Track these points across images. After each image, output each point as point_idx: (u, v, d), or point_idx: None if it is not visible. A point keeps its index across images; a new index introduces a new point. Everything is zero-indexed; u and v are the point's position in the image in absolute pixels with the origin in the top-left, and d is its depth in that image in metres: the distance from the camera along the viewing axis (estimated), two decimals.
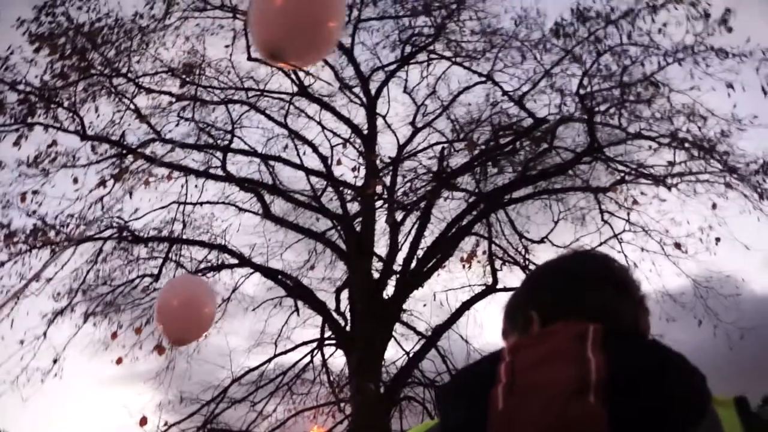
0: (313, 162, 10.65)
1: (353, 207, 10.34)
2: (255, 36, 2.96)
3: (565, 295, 1.08)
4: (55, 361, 9.54)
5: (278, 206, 10.72)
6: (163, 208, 10.40)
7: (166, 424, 9.16)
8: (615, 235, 10.29)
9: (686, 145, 9.30)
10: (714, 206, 9.33)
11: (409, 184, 10.08)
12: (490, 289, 10.09)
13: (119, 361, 9.24)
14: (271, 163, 10.55)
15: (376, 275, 9.53)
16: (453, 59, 10.50)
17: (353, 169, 10.49)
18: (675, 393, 0.82)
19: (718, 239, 9.38)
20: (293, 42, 2.85)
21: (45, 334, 9.63)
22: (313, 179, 10.59)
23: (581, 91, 9.46)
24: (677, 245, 9.56)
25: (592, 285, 1.08)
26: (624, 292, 1.08)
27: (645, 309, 1.10)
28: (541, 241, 10.16)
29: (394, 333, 9.45)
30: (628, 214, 10.23)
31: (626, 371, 0.83)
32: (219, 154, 10.17)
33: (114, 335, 9.45)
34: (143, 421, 8.61)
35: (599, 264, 1.14)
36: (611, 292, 1.07)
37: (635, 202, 9.97)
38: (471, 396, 0.92)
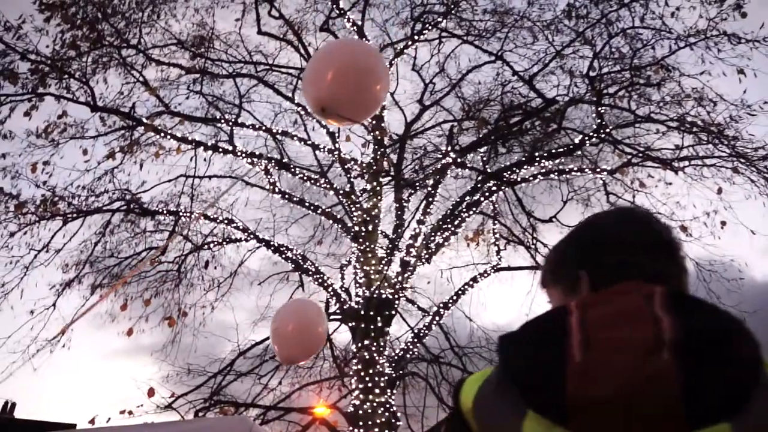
0: (320, 138, 10.68)
1: (360, 183, 10.37)
2: (308, 93, 3.16)
3: (616, 258, 1.10)
4: (63, 332, 9.64)
5: (285, 181, 10.77)
6: (170, 181, 10.46)
7: (173, 395, 9.26)
8: None
9: (695, 129, 9.31)
10: (720, 191, 9.37)
11: (417, 164, 10.09)
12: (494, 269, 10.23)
13: (130, 332, 9.34)
14: (279, 137, 10.57)
15: (381, 252, 9.59)
16: (464, 38, 10.46)
17: (362, 146, 10.54)
18: (741, 354, 0.88)
19: (723, 223, 9.45)
20: (341, 101, 3.13)
21: (54, 304, 9.72)
22: (320, 155, 10.63)
23: (591, 73, 9.45)
24: (683, 228, 9.62)
25: (641, 248, 1.11)
26: (670, 255, 1.13)
27: (686, 271, 1.15)
28: (549, 220, 10.23)
29: (398, 309, 9.53)
30: (634, 196, 10.30)
31: (696, 332, 0.88)
32: (227, 128, 10.18)
33: (124, 306, 9.53)
34: (151, 392, 8.71)
35: (646, 225, 1.16)
36: (659, 254, 1.11)
37: (642, 184, 10.02)
38: (538, 344, 0.96)
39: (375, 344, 8.78)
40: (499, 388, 0.99)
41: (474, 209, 9.75)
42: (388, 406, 8.56)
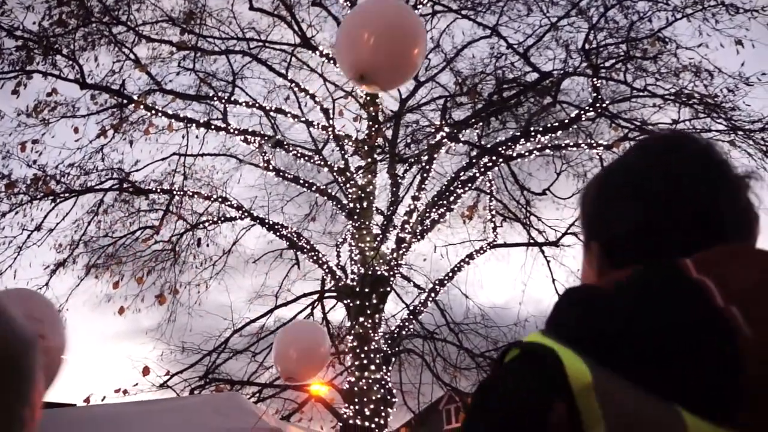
0: (314, 115, 10.59)
1: (354, 160, 10.30)
2: (343, 59, 3.04)
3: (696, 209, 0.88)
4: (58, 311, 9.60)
5: (279, 159, 10.70)
6: (163, 159, 10.40)
7: (168, 373, 9.27)
8: None
9: (692, 101, 9.21)
10: None
11: (410, 137, 10.00)
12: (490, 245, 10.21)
13: (121, 310, 9.32)
14: (273, 115, 10.48)
15: (376, 229, 9.55)
16: (458, 11, 10.33)
17: (354, 120, 10.46)
18: None
19: None
20: (381, 67, 2.98)
21: (47, 284, 9.70)
22: (315, 132, 10.55)
23: (587, 46, 9.33)
24: None
25: (718, 192, 0.89)
26: (745, 197, 0.92)
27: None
28: (543, 193, 10.18)
29: (393, 286, 9.51)
30: None
31: None
32: (220, 106, 10.09)
33: (116, 285, 9.51)
34: (146, 371, 8.71)
35: (716, 162, 0.92)
36: (740, 198, 0.91)
37: None
38: (668, 314, 0.75)
39: (370, 321, 8.76)
40: None
41: (469, 185, 9.69)
42: (383, 382, 8.57)
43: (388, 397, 8.55)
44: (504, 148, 9.52)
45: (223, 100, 9.93)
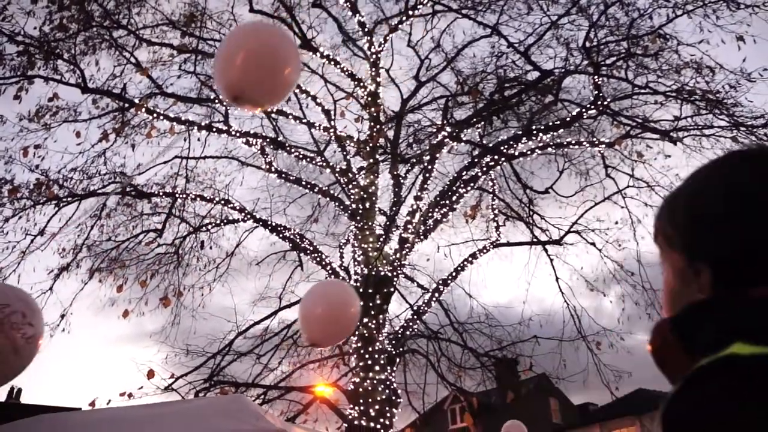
0: (316, 116, 10.60)
1: (356, 161, 10.30)
2: (219, 80, 3.16)
3: None
4: (62, 316, 9.63)
5: (281, 160, 10.70)
6: (165, 162, 10.39)
7: (172, 376, 9.27)
8: (619, 191, 10.31)
9: (693, 98, 9.19)
10: None
11: (412, 137, 9.99)
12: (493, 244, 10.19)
13: (125, 314, 9.32)
14: (274, 117, 10.48)
15: (379, 229, 9.54)
16: (458, 11, 10.32)
17: (356, 120, 10.46)
18: None
19: None
20: (254, 87, 3.10)
21: (51, 288, 9.71)
22: (316, 133, 10.55)
23: (588, 44, 9.32)
24: None
25: None
26: None
27: None
28: (545, 191, 10.16)
29: (397, 286, 9.50)
30: (633, 169, 10.22)
31: None
32: (221, 108, 10.09)
33: (120, 288, 9.51)
34: (150, 374, 8.71)
35: None
36: None
37: (640, 155, 9.94)
38: None
39: (374, 322, 8.75)
40: None
41: (472, 184, 9.69)
42: (388, 383, 8.56)
43: (393, 398, 8.53)
44: (506, 146, 9.51)
45: (225, 103, 9.93)
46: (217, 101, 9.98)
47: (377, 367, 8.47)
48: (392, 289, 9.22)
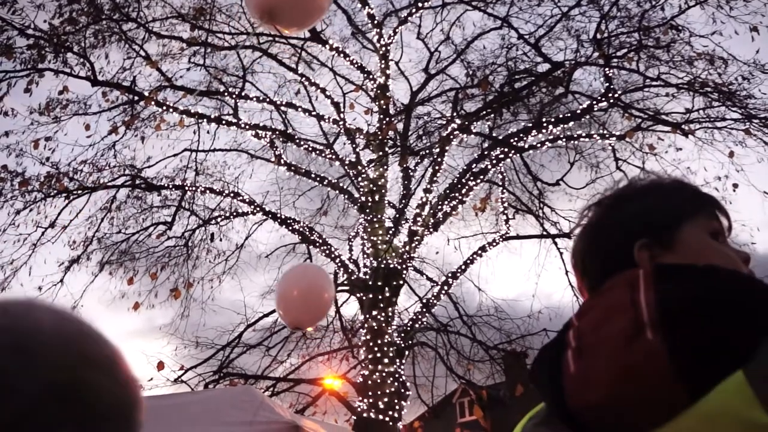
0: (325, 109, 10.58)
1: (366, 153, 10.29)
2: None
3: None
4: (73, 308, 9.65)
5: (291, 153, 10.70)
6: (175, 155, 10.41)
7: (182, 368, 9.31)
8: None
9: (705, 90, 9.10)
10: (731, 154, 9.19)
11: (422, 129, 9.96)
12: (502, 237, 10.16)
13: (136, 306, 9.36)
14: (283, 109, 10.48)
15: (388, 222, 9.53)
16: (468, 2, 10.26)
17: (366, 112, 10.44)
18: (734, 318, 0.77)
19: (735, 185, 9.30)
20: (287, 6, 3.02)
21: (62, 280, 9.76)
22: (326, 126, 10.54)
23: (599, 36, 9.24)
24: None
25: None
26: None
27: None
28: (556, 183, 10.11)
29: (406, 279, 9.49)
30: (644, 162, 10.14)
31: (676, 303, 0.79)
32: (231, 101, 10.10)
33: (131, 281, 9.55)
34: (160, 366, 8.74)
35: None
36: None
37: (651, 147, 9.87)
38: (549, 362, 0.91)
39: (383, 314, 8.75)
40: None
41: (481, 177, 9.65)
42: (397, 375, 8.56)
43: (402, 390, 8.54)
44: (516, 139, 9.46)
45: (234, 96, 9.94)
46: (226, 94, 9.98)
47: (386, 360, 8.47)
48: (401, 282, 9.22)
